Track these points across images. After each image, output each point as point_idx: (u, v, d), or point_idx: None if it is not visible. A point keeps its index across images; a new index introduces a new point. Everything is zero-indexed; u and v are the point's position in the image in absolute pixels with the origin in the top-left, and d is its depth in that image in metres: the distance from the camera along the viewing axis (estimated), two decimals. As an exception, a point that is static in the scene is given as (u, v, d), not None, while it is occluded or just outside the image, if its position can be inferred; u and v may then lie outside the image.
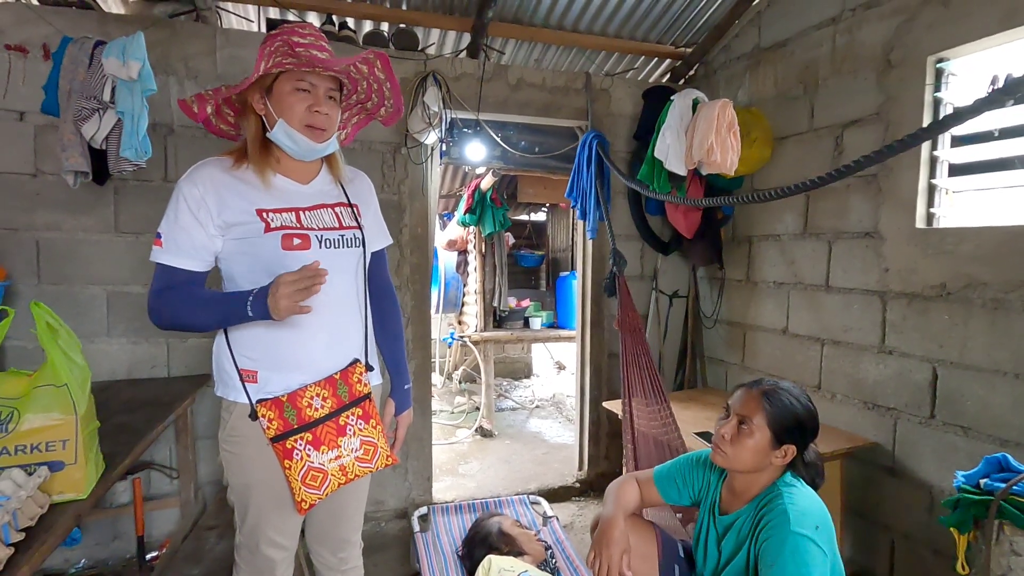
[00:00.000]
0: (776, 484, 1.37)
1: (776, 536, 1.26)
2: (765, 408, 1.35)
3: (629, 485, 1.62)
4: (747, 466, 1.37)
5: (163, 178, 2.38)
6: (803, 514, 1.28)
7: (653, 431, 2.25)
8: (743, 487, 1.42)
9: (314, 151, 1.25)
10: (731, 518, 1.43)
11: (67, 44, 1.99)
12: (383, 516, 2.77)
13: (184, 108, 1.25)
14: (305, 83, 1.20)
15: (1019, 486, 1.32)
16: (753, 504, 1.39)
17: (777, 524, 1.28)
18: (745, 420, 1.36)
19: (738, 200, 1.85)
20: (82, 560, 2.37)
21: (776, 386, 1.40)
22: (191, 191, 1.19)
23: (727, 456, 1.39)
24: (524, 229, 6.22)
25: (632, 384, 2.35)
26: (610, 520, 1.49)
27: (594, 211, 2.74)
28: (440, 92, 2.59)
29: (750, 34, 2.79)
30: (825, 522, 1.30)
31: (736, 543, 1.40)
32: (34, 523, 1.07)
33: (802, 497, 1.33)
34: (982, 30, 1.81)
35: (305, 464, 1.21)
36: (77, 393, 1.16)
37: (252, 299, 1.13)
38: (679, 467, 1.60)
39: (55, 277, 2.29)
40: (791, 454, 1.36)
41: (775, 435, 1.34)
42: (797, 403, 1.37)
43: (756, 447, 1.35)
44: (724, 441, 1.39)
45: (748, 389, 1.42)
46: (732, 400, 1.44)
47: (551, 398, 5.27)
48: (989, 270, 1.80)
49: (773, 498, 1.34)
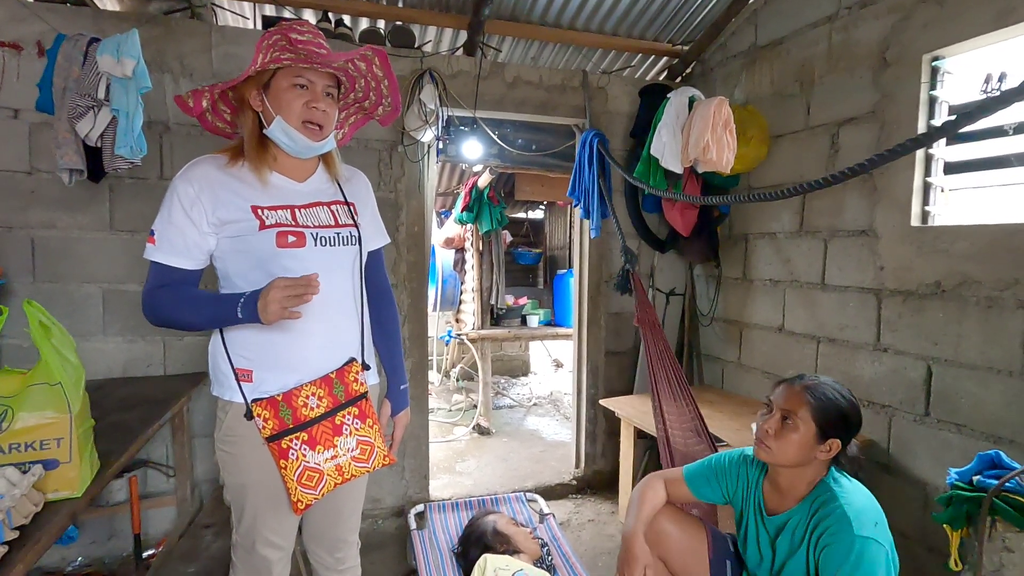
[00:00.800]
0: (826, 482, 1.37)
1: (839, 542, 1.26)
2: (809, 402, 1.34)
3: (653, 488, 1.61)
4: (791, 460, 1.36)
5: (159, 176, 2.37)
6: (861, 513, 1.28)
7: (685, 429, 2.21)
8: (788, 484, 1.41)
9: (311, 149, 1.25)
10: (783, 518, 1.42)
11: (61, 41, 1.98)
12: (380, 514, 2.77)
13: (180, 104, 1.24)
14: (303, 79, 1.20)
15: (1012, 483, 1.33)
16: (805, 504, 1.38)
17: (838, 528, 1.27)
18: (789, 415, 1.35)
19: (735, 199, 1.85)
20: (79, 558, 2.36)
21: (819, 380, 1.39)
22: (186, 189, 1.18)
23: (771, 451, 1.38)
24: (522, 227, 6.22)
25: (659, 382, 2.29)
26: (630, 536, 1.49)
27: (597, 210, 2.73)
28: (437, 90, 2.59)
29: (747, 32, 2.79)
30: (881, 516, 1.31)
31: (791, 544, 1.39)
32: (28, 521, 1.07)
33: (856, 495, 1.33)
34: (977, 28, 1.81)
35: (301, 464, 1.21)
36: (71, 391, 1.16)
37: (243, 302, 1.13)
38: (712, 464, 1.59)
39: (50, 275, 2.29)
40: (836, 448, 1.35)
41: (820, 429, 1.33)
42: (840, 397, 1.36)
43: (801, 441, 1.34)
44: (768, 436, 1.38)
45: (790, 384, 1.41)
46: (774, 395, 1.43)
47: (548, 396, 5.27)
48: (983, 268, 1.81)
49: (828, 499, 1.33)
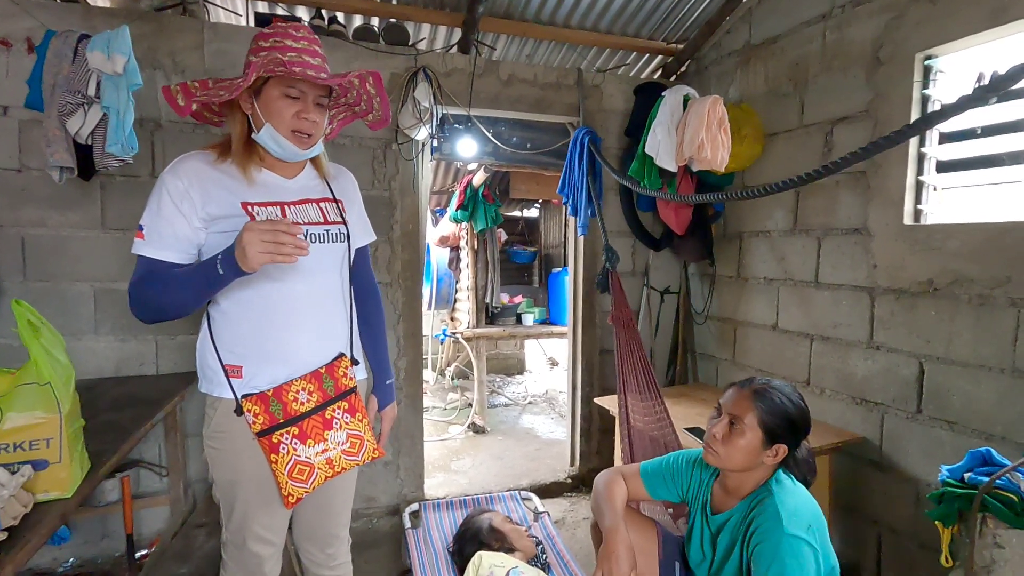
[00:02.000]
0: (768, 483, 1.38)
1: (769, 539, 1.26)
2: (756, 407, 1.35)
3: (617, 482, 1.60)
4: (739, 465, 1.38)
5: (150, 173, 2.35)
6: (794, 514, 1.28)
7: (648, 426, 2.25)
8: (735, 485, 1.42)
9: (298, 155, 1.26)
10: (723, 517, 1.43)
11: (51, 37, 1.96)
12: (375, 513, 2.76)
13: (168, 99, 1.21)
14: (295, 90, 1.19)
15: (1002, 480, 1.34)
16: (745, 503, 1.39)
17: (769, 526, 1.28)
18: (736, 420, 1.36)
19: (728, 196, 1.86)
20: (71, 559, 2.35)
21: (768, 385, 1.39)
22: (175, 183, 1.18)
23: (719, 456, 1.39)
24: (517, 225, 6.22)
25: (627, 379, 2.35)
26: (614, 532, 1.43)
27: (585, 208, 2.74)
28: (431, 88, 2.58)
29: (741, 30, 2.79)
30: (817, 520, 1.31)
31: (729, 542, 1.41)
32: (17, 522, 1.06)
33: (793, 496, 1.34)
34: (969, 27, 1.82)
35: (292, 458, 1.21)
36: (61, 391, 1.15)
37: (221, 256, 1.09)
38: (669, 464, 1.60)
39: (41, 274, 2.27)
40: (782, 453, 1.36)
41: (766, 435, 1.34)
42: (788, 402, 1.37)
43: (747, 447, 1.35)
44: (716, 441, 1.39)
45: (739, 388, 1.42)
46: (723, 399, 1.44)
47: (544, 394, 5.28)
48: (975, 266, 1.82)
49: (764, 498, 1.34)
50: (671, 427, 2.19)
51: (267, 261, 1.06)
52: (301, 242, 1.08)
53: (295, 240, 1.07)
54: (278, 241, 1.05)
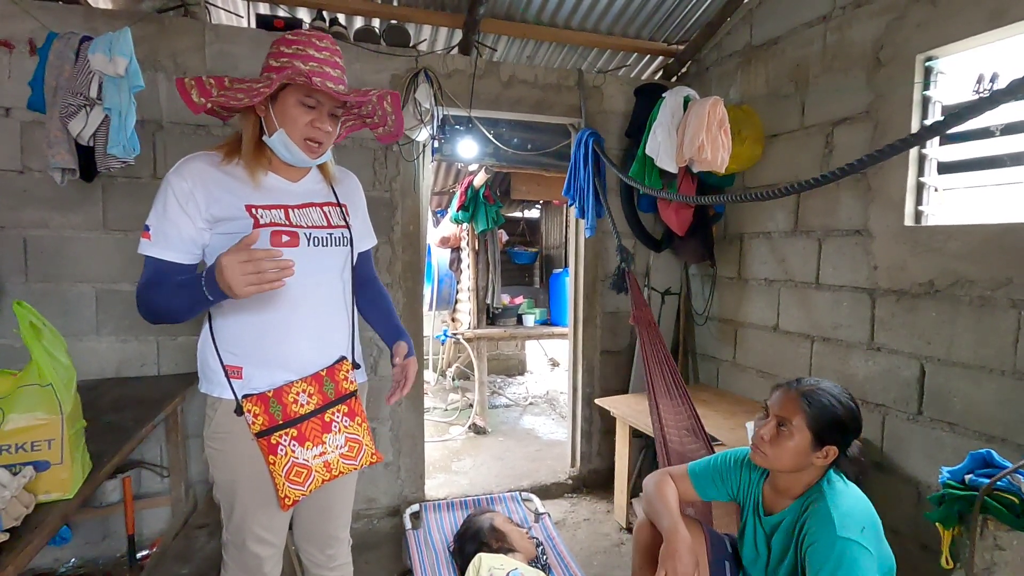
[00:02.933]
0: (819, 484, 1.37)
1: (822, 541, 1.25)
2: (804, 410, 1.34)
3: (668, 483, 1.60)
4: (787, 467, 1.37)
5: (152, 175, 2.36)
6: (847, 516, 1.27)
7: (680, 428, 2.21)
8: (786, 486, 1.41)
9: (306, 163, 1.27)
10: (777, 518, 1.42)
11: (53, 39, 1.97)
12: (375, 514, 2.77)
13: (182, 92, 1.20)
14: (312, 100, 1.20)
15: (1003, 482, 1.34)
16: (798, 504, 1.38)
17: (821, 529, 1.27)
18: (784, 422, 1.35)
19: (729, 199, 1.86)
20: (72, 559, 2.35)
21: (816, 386, 1.37)
22: (180, 184, 1.18)
23: (767, 457, 1.38)
24: (517, 226, 6.22)
25: (655, 381, 2.29)
26: (675, 532, 1.43)
27: (593, 209, 2.74)
28: (432, 89, 2.58)
29: (742, 32, 2.79)
30: (871, 521, 1.30)
31: (784, 544, 1.40)
32: (19, 523, 1.07)
33: (846, 497, 1.32)
34: (970, 28, 1.82)
35: (289, 460, 1.22)
36: (62, 392, 1.15)
37: (205, 281, 1.07)
38: (717, 465, 1.59)
39: (43, 275, 2.27)
40: (832, 455, 1.35)
41: (816, 436, 1.33)
42: (837, 403, 1.35)
43: (796, 449, 1.34)
44: (763, 442, 1.38)
45: (787, 389, 1.40)
46: (771, 400, 1.42)
47: (545, 395, 5.28)
48: (976, 268, 1.81)
49: (816, 499, 1.33)
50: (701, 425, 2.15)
51: (255, 292, 1.05)
52: (284, 262, 1.06)
53: (276, 263, 1.05)
54: (259, 270, 1.03)
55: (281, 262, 1.06)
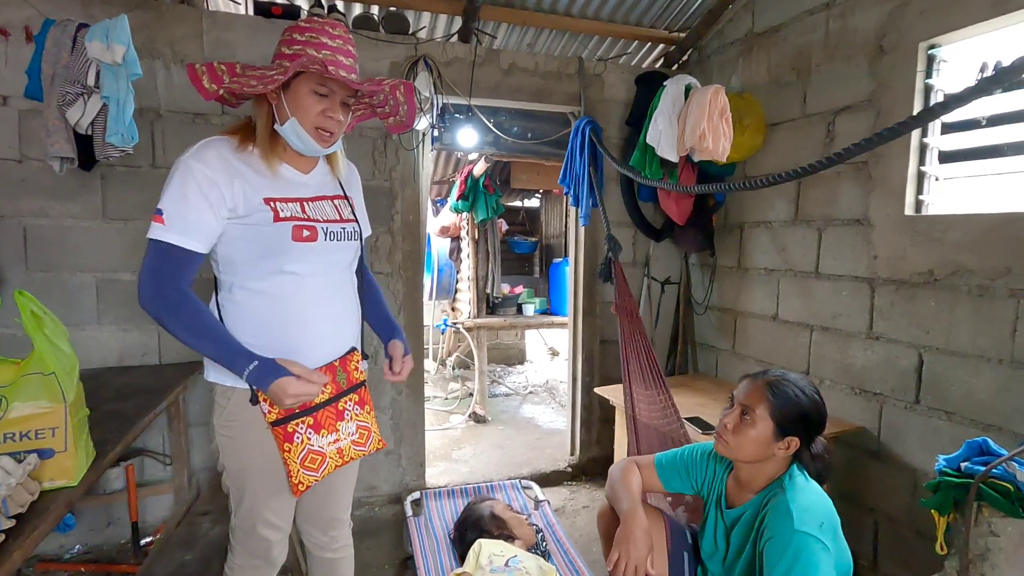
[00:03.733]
0: (781, 478, 1.37)
1: (779, 535, 1.26)
2: (768, 399, 1.35)
3: (633, 471, 1.61)
4: (749, 456, 1.37)
5: (151, 164, 2.35)
6: (806, 511, 1.28)
7: (653, 416, 2.25)
8: (748, 478, 1.42)
9: (317, 152, 1.26)
10: (738, 511, 1.43)
11: (49, 27, 1.96)
12: (377, 501, 2.79)
13: (193, 77, 1.18)
14: (325, 88, 1.20)
15: (998, 469, 1.35)
16: (758, 498, 1.39)
17: (779, 523, 1.28)
18: (748, 410, 1.36)
19: (730, 187, 1.85)
20: (76, 546, 2.38)
21: (782, 377, 1.38)
22: (203, 170, 1.14)
23: (728, 446, 1.39)
24: (517, 215, 6.21)
25: (631, 369, 2.34)
26: (632, 516, 1.44)
27: (587, 198, 2.74)
28: (431, 77, 2.57)
29: (744, 19, 2.77)
30: (829, 518, 1.31)
31: (742, 537, 1.41)
32: (24, 510, 1.08)
33: (806, 493, 1.33)
34: (973, 16, 1.80)
35: (305, 447, 1.24)
36: (65, 381, 1.16)
37: (254, 367, 1.14)
38: (683, 457, 1.60)
39: (43, 264, 2.27)
40: (794, 446, 1.35)
41: (778, 426, 1.34)
42: (802, 395, 1.36)
43: (758, 438, 1.34)
44: (726, 430, 1.39)
45: (753, 379, 1.41)
46: (737, 390, 1.43)
47: (544, 384, 5.30)
48: (975, 257, 1.82)
49: (776, 494, 1.34)
50: (676, 416, 2.19)
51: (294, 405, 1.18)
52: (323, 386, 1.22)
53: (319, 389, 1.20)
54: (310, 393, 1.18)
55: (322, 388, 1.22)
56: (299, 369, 1.17)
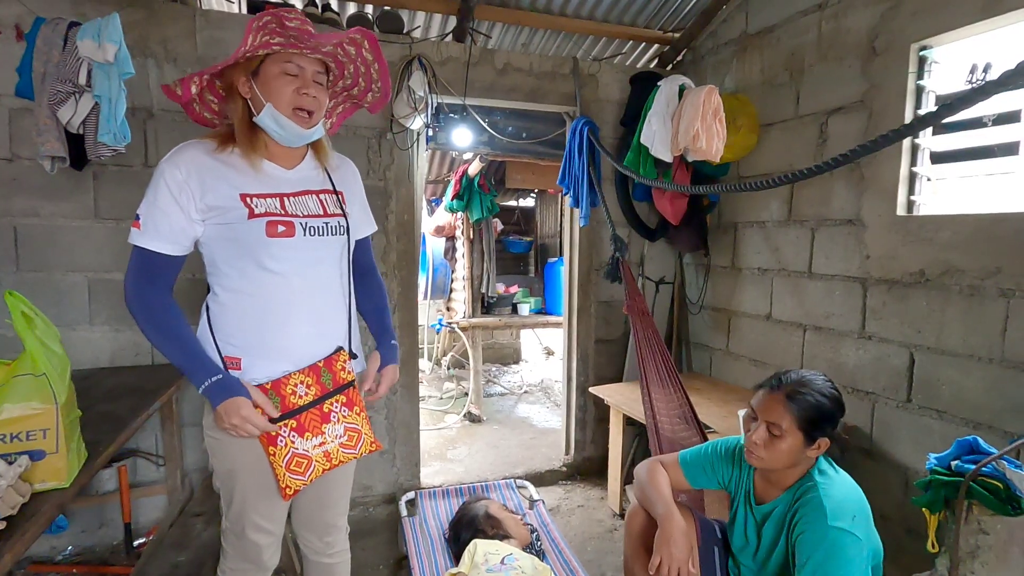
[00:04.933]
0: (811, 472, 1.39)
1: (812, 530, 1.27)
2: (792, 412, 1.34)
3: (660, 471, 1.62)
4: (784, 465, 1.39)
5: (143, 163, 2.34)
6: (840, 505, 1.29)
7: (672, 416, 2.23)
8: (778, 477, 1.43)
9: (301, 137, 1.24)
10: (769, 507, 1.44)
11: (40, 25, 1.94)
12: (371, 501, 2.79)
13: (168, 93, 1.21)
14: (292, 65, 1.19)
15: (988, 468, 1.36)
16: (789, 493, 1.40)
17: (813, 518, 1.29)
18: (774, 426, 1.36)
19: (724, 188, 1.86)
20: (68, 547, 2.37)
21: (798, 383, 1.38)
22: (173, 173, 1.17)
23: (764, 460, 1.39)
24: (512, 215, 6.19)
25: (648, 370, 2.30)
26: (669, 519, 1.45)
27: (587, 198, 2.73)
28: (426, 76, 2.56)
29: (737, 20, 2.78)
30: (862, 509, 1.32)
31: (775, 532, 1.42)
32: (15, 512, 1.07)
33: (837, 486, 1.34)
34: (964, 18, 1.82)
35: (289, 450, 1.22)
36: (56, 382, 1.15)
37: (213, 382, 1.16)
38: (708, 454, 1.61)
39: (34, 264, 2.26)
40: (825, 446, 1.37)
41: (807, 435, 1.34)
42: (822, 396, 1.36)
43: (790, 449, 1.35)
44: (758, 447, 1.39)
45: (770, 392, 1.40)
46: (756, 403, 1.42)
47: (539, 383, 5.30)
48: (966, 257, 1.83)
49: (809, 489, 1.35)
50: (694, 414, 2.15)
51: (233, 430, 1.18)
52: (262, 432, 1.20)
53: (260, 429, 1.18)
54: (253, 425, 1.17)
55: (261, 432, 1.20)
56: (258, 399, 1.19)
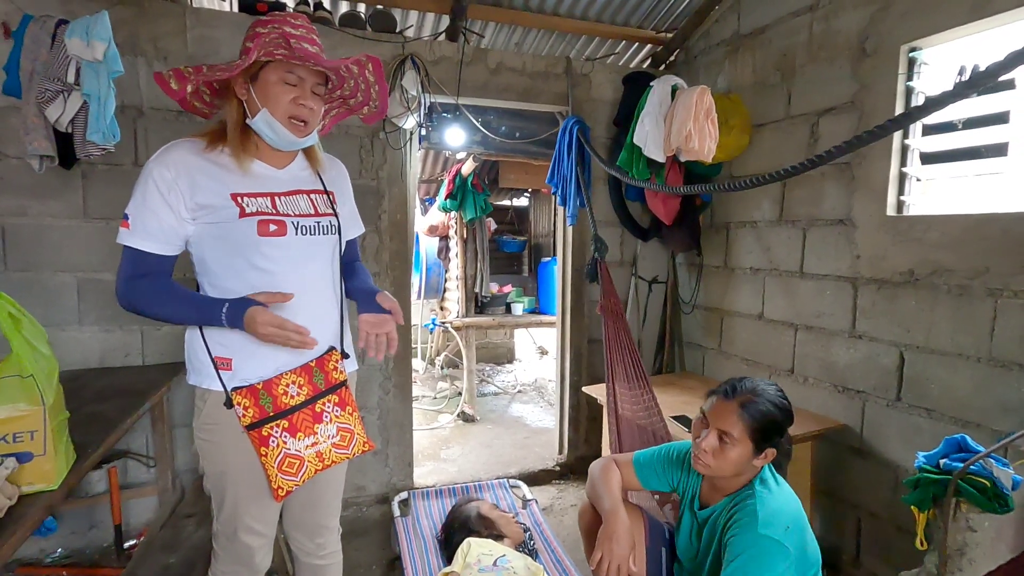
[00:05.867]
0: (752, 482, 1.40)
1: (742, 535, 1.29)
2: (744, 420, 1.36)
3: (613, 469, 1.63)
4: (729, 474, 1.40)
5: (133, 162, 2.32)
6: (773, 515, 1.31)
7: (636, 415, 2.27)
8: (723, 483, 1.45)
9: (294, 144, 1.25)
10: (708, 512, 1.46)
11: (28, 22, 1.92)
12: (364, 501, 2.78)
13: (161, 83, 1.20)
14: (293, 76, 1.19)
15: (976, 466, 1.37)
16: (728, 499, 1.42)
17: (746, 523, 1.31)
18: (725, 434, 1.37)
19: (716, 188, 1.87)
20: (58, 549, 2.34)
21: (752, 393, 1.39)
22: (162, 173, 1.16)
23: (710, 468, 1.40)
24: (506, 214, 6.20)
25: (615, 368, 2.36)
26: (614, 515, 1.47)
27: (574, 198, 2.74)
28: (418, 76, 2.55)
29: (730, 20, 2.79)
30: (796, 521, 1.33)
31: (709, 536, 1.44)
32: (3, 514, 1.06)
33: (775, 497, 1.36)
34: (953, 20, 1.83)
35: (281, 451, 1.22)
36: (44, 384, 1.14)
37: (228, 314, 1.16)
38: (660, 456, 1.62)
39: (23, 264, 2.23)
40: (771, 456, 1.39)
41: (756, 444, 1.36)
42: (774, 407, 1.38)
43: (738, 459, 1.37)
44: (706, 454, 1.39)
45: (723, 399, 1.41)
46: (708, 409, 1.43)
47: (533, 383, 5.31)
48: (955, 257, 1.85)
49: (746, 497, 1.37)
50: (659, 415, 2.21)
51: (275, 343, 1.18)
52: (310, 341, 1.19)
53: (303, 340, 1.18)
54: (286, 340, 1.17)
55: (309, 340, 1.19)
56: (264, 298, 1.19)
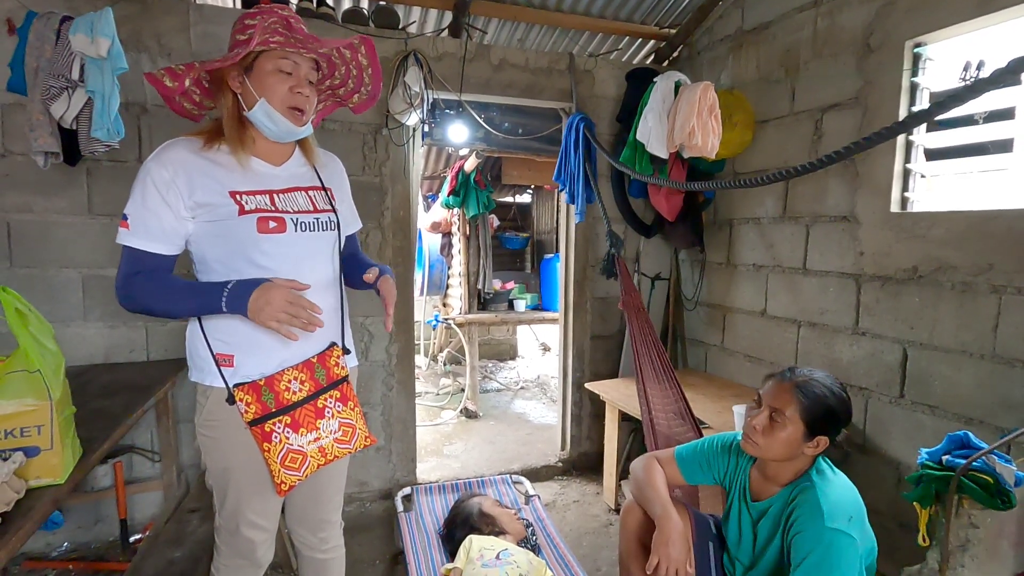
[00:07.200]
0: (809, 472, 1.39)
1: (809, 530, 1.28)
2: (798, 400, 1.35)
3: (656, 468, 1.61)
4: (778, 456, 1.39)
5: (137, 159, 2.33)
6: (836, 506, 1.29)
7: (668, 412, 2.24)
8: (774, 473, 1.43)
9: (292, 133, 1.25)
10: (765, 504, 1.44)
11: (32, 19, 1.92)
12: (367, 497, 2.79)
13: (153, 82, 1.20)
14: (288, 63, 1.19)
15: (979, 462, 1.37)
16: (786, 491, 1.40)
17: (810, 518, 1.29)
18: (777, 413, 1.36)
19: (719, 185, 1.87)
20: (64, 544, 2.36)
21: (809, 377, 1.38)
22: (160, 172, 1.17)
23: (759, 447, 1.39)
24: (509, 211, 6.20)
25: (644, 366, 2.30)
26: (667, 519, 1.45)
27: (582, 194, 2.73)
28: (421, 72, 2.55)
29: (733, 16, 2.78)
30: (858, 511, 1.32)
31: (771, 530, 1.42)
32: (10, 508, 1.07)
33: (835, 487, 1.35)
34: (958, 15, 1.82)
35: (284, 446, 1.23)
36: (50, 379, 1.15)
37: (228, 296, 1.14)
38: (704, 449, 1.61)
39: (28, 260, 2.25)
40: (823, 445, 1.37)
41: (808, 427, 1.34)
42: (830, 394, 1.36)
43: (789, 439, 1.35)
44: (756, 432, 1.39)
45: (780, 380, 1.41)
46: (764, 390, 1.43)
47: (536, 379, 5.31)
48: (958, 254, 1.84)
49: (806, 489, 1.35)
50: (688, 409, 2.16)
51: (275, 328, 1.14)
52: (318, 320, 1.17)
53: (312, 317, 1.15)
54: (296, 314, 1.14)
55: (317, 319, 1.17)
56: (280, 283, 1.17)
